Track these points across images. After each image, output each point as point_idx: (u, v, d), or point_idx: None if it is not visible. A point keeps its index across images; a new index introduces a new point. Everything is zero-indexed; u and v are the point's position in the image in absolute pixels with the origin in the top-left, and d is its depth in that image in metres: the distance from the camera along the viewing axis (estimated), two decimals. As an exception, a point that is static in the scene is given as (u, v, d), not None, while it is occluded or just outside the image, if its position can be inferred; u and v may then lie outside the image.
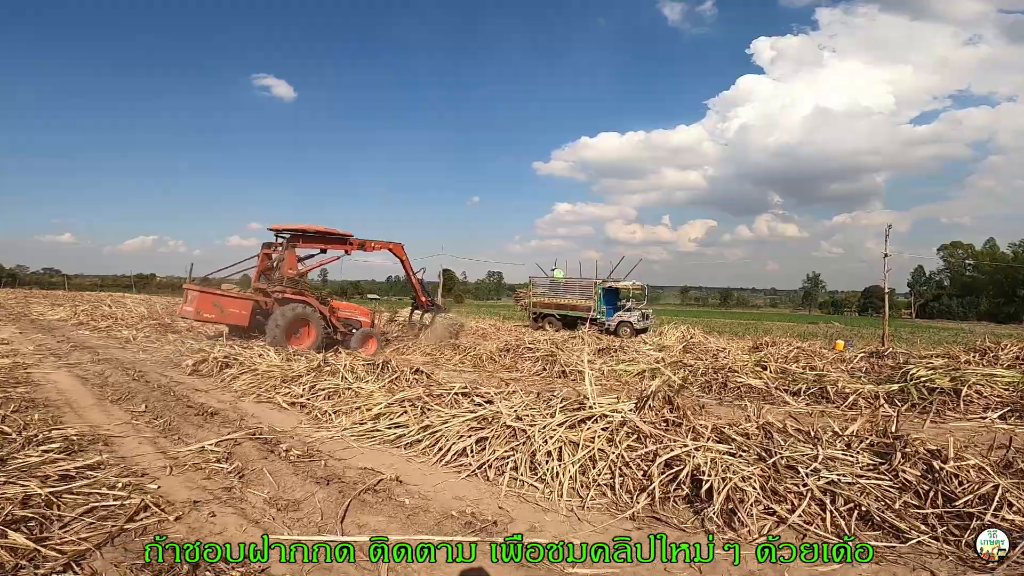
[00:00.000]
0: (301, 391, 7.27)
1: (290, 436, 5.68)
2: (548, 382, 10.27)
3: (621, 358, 12.44)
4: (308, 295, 11.97)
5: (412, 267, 14.07)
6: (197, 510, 3.78)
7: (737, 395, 9.24)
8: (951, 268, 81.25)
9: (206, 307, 10.80)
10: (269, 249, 12.18)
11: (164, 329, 14.77)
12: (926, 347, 18.54)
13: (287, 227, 11.98)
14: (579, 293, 21.50)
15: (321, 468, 4.74)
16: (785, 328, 33.90)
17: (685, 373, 10.23)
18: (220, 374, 8.74)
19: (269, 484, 4.35)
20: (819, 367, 10.94)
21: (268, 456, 4.98)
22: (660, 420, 5.20)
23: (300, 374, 7.78)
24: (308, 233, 12.11)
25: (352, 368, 7.75)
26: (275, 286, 11.61)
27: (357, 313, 13.37)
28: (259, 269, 12.09)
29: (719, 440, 4.80)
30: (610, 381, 10.36)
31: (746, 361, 10.76)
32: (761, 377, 9.68)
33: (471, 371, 11.24)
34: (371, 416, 6.09)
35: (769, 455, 4.46)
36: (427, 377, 7.68)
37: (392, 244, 13.53)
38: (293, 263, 11.78)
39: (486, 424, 5.34)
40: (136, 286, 68.65)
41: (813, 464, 4.34)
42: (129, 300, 26.03)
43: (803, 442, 4.80)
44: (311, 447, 5.34)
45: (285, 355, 9.32)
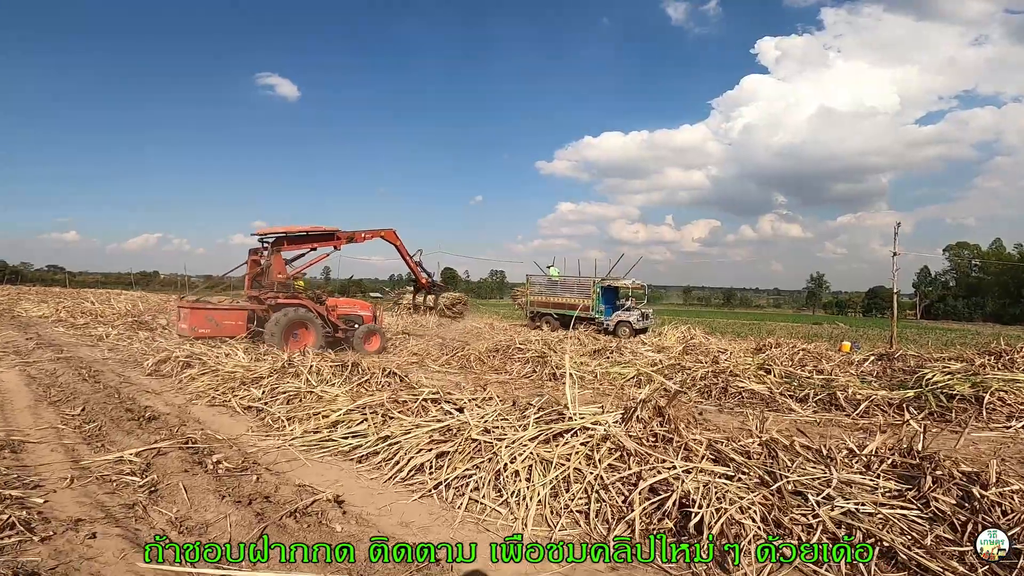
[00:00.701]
0: (260, 394, 6.63)
1: (230, 445, 5.05)
2: (537, 385, 9.62)
3: (617, 360, 11.77)
4: (302, 297, 11.67)
5: (407, 251, 13.86)
6: (75, 531, 3.17)
7: (739, 401, 8.57)
8: (957, 269, 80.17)
9: (200, 323, 10.54)
10: (256, 255, 11.89)
11: (140, 327, 14.18)
12: (937, 349, 17.87)
13: (270, 231, 11.77)
14: (577, 292, 20.79)
15: (250, 484, 4.10)
16: (789, 329, 33.12)
17: (683, 377, 9.56)
18: (180, 374, 8.12)
19: (181, 502, 3.73)
20: (826, 371, 10.25)
21: (193, 469, 4.35)
22: (648, 435, 4.53)
23: (262, 376, 7.14)
24: (293, 235, 11.85)
25: (318, 370, 7.11)
26: (267, 292, 11.37)
27: (357, 308, 12.97)
28: (249, 276, 11.81)
29: (715, 460, 4.13)
30: (603, 385, 9.70)
31: (748, 364, 10.08)
32: (764, 382, 9.00)
33: (457, 372, 10.60)
34: (327, 424, 5.45)
35: (773, 479, 3.80)
36: (400, 380, 7.04)
37: (383, 231, 13.17)
38: (281, 267, 11.55)
39: (450, 436, 4.69)
40: (139, 283, 68.54)
41: (826, 490, 3.67)
42: (114, 297, 25.45)
43: (813, 462, 4.13)
44: (250, 458, 4.71)
45: (254, 355, 8.69)
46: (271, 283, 11.44)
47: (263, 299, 11.34)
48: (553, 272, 22.72)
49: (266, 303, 11.27)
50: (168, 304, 29.26)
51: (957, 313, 72.49)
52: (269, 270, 11.48)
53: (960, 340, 27.34)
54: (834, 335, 28.66)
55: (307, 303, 11.55)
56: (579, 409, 4.89)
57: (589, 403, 8.14)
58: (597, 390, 9.32)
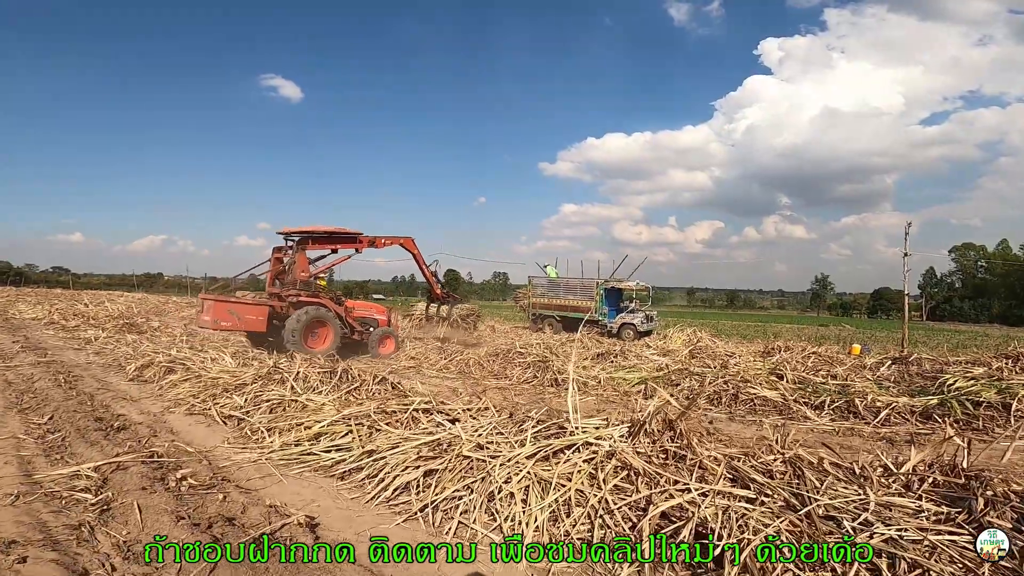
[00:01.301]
0: (242, 402, 6.22)
1: (201, 459, 4.63)
2: (538, 392, 9.19)
3: (621, 364, 11.34)
4: (323, 297, 11.68)
5: (424, 260, 13.69)
6: (5, 554, 2.76)
7: (750, 409, 8.13)
8: (963, 270, 79.49)
9: (223, 316, 10.51)
10: (280, 253, 11.93)
11: (131, 329, 13.80)
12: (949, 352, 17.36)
13: (296, 230, 11.76)
14: (580, 294, 20.35)
15: (215, 504, 3.69)
16: (795, 331, 32.66)
17: (691, 383, 9.12)
18: (162, 380, 7.72)
19: (134, 524, 3.33)
20: (840, 375, 9.80)
21: (153, 485, 3.93)
22: (658, 451, 4.10)
23: (246, 382, 6.73)
24: (317, 234, 11.87)
25: (305, 376, 6.70)
26: (289, 290, 11.37)
27: (373, 312, 13.06)
28: (272, 273, 11.85)
29: (733, 480, 3.70)
30: (607, 392, 9.27)
31: (759, 369, 9.64)
32: (777, 388, 8.56)
33: (456, 378, 10.18)
34: (309, 435, 5.03)
35: (801, 502, 3.37)
36: (392, 387, 6.62)
37: (402, 239, 13.13)
38: (305, 266, 11.57)
39: (440, 452, 4.26)
40: (143, 285, 68.79)
41: (862, 514, 3.24)
42: (110, 299, 25.13)
43: (845, 482, 3.68)
44: (220, 474, 4.30)
45: (242, 359, 8.30)
46: (294, 281, 11.44)
47: (284, 296, 11.31)
48: (551, 272, 22.29)
49: (287, 300, 11.23)
50: (166, 306, 29.04)
51: (963, 315, 71.71)
52: (293, 268, 11.47)
53: (971, 343, 26.82)
54: (841, 337, 28.25)
55: (327, 303, 11.55)
56: (582, 422, 4.46)
57: (593, 413, 7.72)
58: (601, 397, 8.89)
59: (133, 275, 73.80)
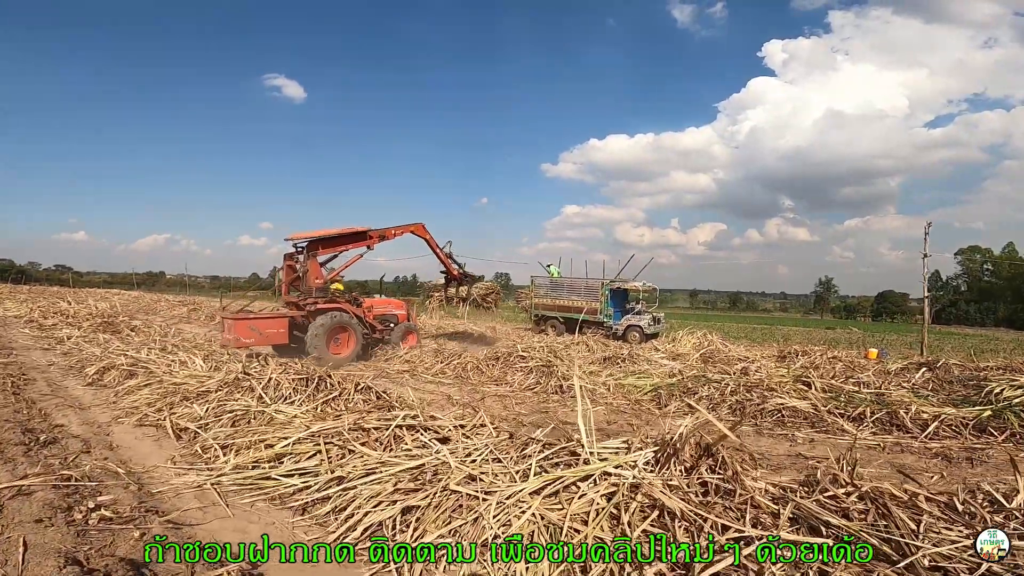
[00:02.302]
0: (202, 412, 5.40)
1: (132, 483, 3.82)
2: (542, 400, 8.37)
3: (630, 369, 10.52)
4: (340, 301, 11.48)
5: (437, 243, 13.40)
6: None
7: (778, 421, 7.30)
8: (968, 273, 78.68)
9: (244, 333, 10.43)
10: (291, 260, 11.69)
11: (106, 328, 12.98)
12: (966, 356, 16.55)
13: (303, 236, 11.53)
14: (584, 294, 19.50)
15: (127, 544, 2.91)
16: (803, 334, 31.83)
17: (709, 391, 8.29)
18: (122, 384, 6.91)
19: (12, 566, 2.58)
20: (871, 383, 8.97)
21: (55, 517, 3.13)
22: (696, 484, 3.28)
23: (210, 390, 5.91)
24: (326, 238, 11.58)
25: (277, 383, 5.87)
26: (306, 298, 11.21)
27: (391, 307, 12.95)
28: (286, 281, 11.67)
29: (796, 521, 2.87)
30: (617, 399, 8.45)
31: (783, 376, 8.80)
32: (807, 397, 7.72)
33: (452, 383, 9.36)
34: (270, 455, 4.21)
35: (898, 551, 2.54)
36: (376, 397, 5.79)
37: (413, 226, 12.82)
38: (317, 272, 11.36)
39: (424, 482, 3.44)
40: (144, 284, 68.58)
41: (983, 565, 2.43)
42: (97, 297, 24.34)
43: (947, 521, 2.86)
44: (150, 502, 3.49)
45: (214, 363, 7.48)
46: (309, 289, 11.21)
47: (302, 305, 11.14)
48: (553, 271, 21.46)
49: (305, 309, 11.04)
50: (159, 304, 28.26)
51: (969, 318, 70.74)
52: (306, 276, 11.27)
53: (986, 347, 25.99)
54: (852, 341, 27.44)
55: (345, 307, 11.38)
56: (598, 446, 3.63)
57: (602, 425, 6.88)
58: (611, 407, 8.06)
59: (133, 274, 73.32)
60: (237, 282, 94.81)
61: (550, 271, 21.57)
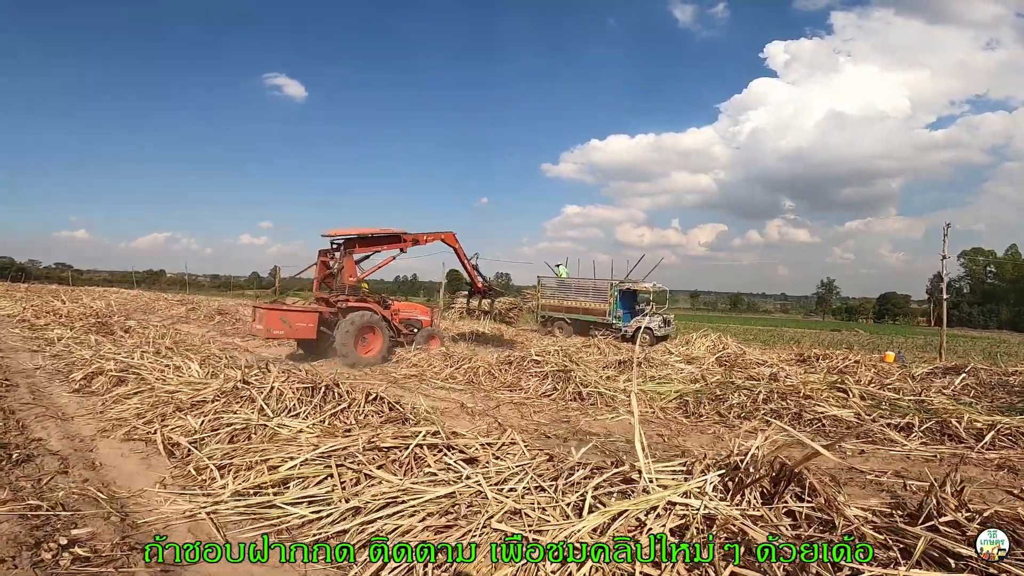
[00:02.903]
0: (197, 425, 4.88)
1: (114, 512, 3.28)
2: (560, 408, 7.86)
3: (649, 374, 9.99)
4: (370, 300, 11.51)
5: (466, 254, 13.35)
6: None
7: (818, 430, 6.80)
8: (971, 275, 78.42)
9: (275, 324, 10.46)
10: (325, 257, 11.69)
11: (99, 329, 12.42)
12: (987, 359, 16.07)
13: (340, 233, 11.58)
14: (593, 295, 18.99)
15: None
16: (810, 336, 31.35)
17: (740, 398, 7.78)
18: (110, 392, 6.38)
19: None
20: (909, 389, 8.49)
21: (18, 556, 2.64)
22: (780, 513, 2.77)
23: (207, 399, 5.38)
24: (364, 237, 11.67)
25: (280, 393, 5.33)
26: (337, 295, 11.20)
27: (417, 312, 13.01)
28: (318, 278, 11.69)
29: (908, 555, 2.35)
30: (641, 408, 7.92)
31: (816, 382, 8.28)
32: (848, 405, 7.22)
33: (463, 389, 8.83)
34: (275, 479, 3.68)
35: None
36: (389, 408, 5.26)
37: (443, 234, 12.76)
38: (352, 270, 11.40)
39: (457, 515, 2.92)
40: (144, 282, 68.42)
41: None
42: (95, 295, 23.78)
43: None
44: (136, 536, 2.96)
45: (211, 369, 6.95)
46: (342, 286, 11.21)
47: (332, 302, 11.14)
48: (561, 272, 20.98)
49: (336, 306, 11.03)
50: (157, 303, 27.68)
51: (972, 320, 70.36)
52: (340, 273, 11.26)
53: (997, 349, 25.55)
54: (861, 343, 27.01)
55: (374, 307, 11.38)
56: (654, 470, 3.12)
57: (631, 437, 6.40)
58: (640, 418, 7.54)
59: (133, 272, 72.89)
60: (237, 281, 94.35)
61: (558, 271, 21.09)
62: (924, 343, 27.43)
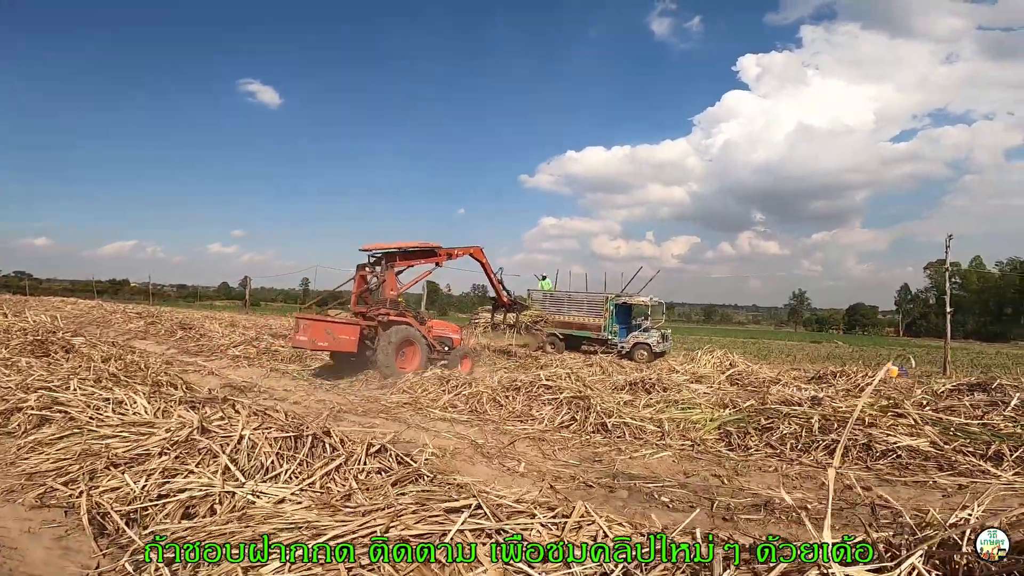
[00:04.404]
0: (138, 489, 3.58)
1: None
2: (584, 442, 6.74)
3: (668, 397, 8.96)
4: (409, 315, 11.55)
5: (492, 268, 13.46)
6: None
7: (893, 463, 5.84)
8: (937, 287, 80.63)
9: (320, 336, 10.40)
10: (364, 271, 11.61)
11: (36, 349, 10.78)
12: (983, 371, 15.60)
13: (380, 247, 11.60)
14: (587, 309, 17.99)
15: None
16: (795, 349, 31.09)
17: (790, 427, 6.78)
18: (32, 434, 4.99)
19: None
20: (967, 411, 7.64)
21: None
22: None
23: (151, 452, 4.07)
24: (404, 251, 11.64)
25: (252, 445, 4.06)
26: (378, 308, 11.15)
27: (448, 330, 12.77)
28: (356, 292, 11.65)
29: None
30: (675, 439, 6.86)
31: (867, 405, 7.34)
32: (922, 433, 6.28)
33: (467, 420, 7.62)
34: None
35: None
36: (398, 462, 4.03)
37: (472, 248, 12.87)
38: (394, 284, 11.39)
39: None
40: (109, 292, 65.21)
41: None
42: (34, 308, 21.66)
43: None
44: None
45: (163, 403, 5.61)
46: (383, 299, 11.19)
47: (372, 316, 11.09)
48: (546, 284, 19.97)
49: (376, 320, 10.98)
50: (113, 316, 25.51)
51: (939, 330, 71.87)
52: (382, 286, 11.25)
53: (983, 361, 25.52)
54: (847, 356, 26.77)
55: (412, 322, 11.38)
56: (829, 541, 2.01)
57: (681, 477, 5.31)
58: (674, 449, 6.46)
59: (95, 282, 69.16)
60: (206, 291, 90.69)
61: (542, 284, 20.05)
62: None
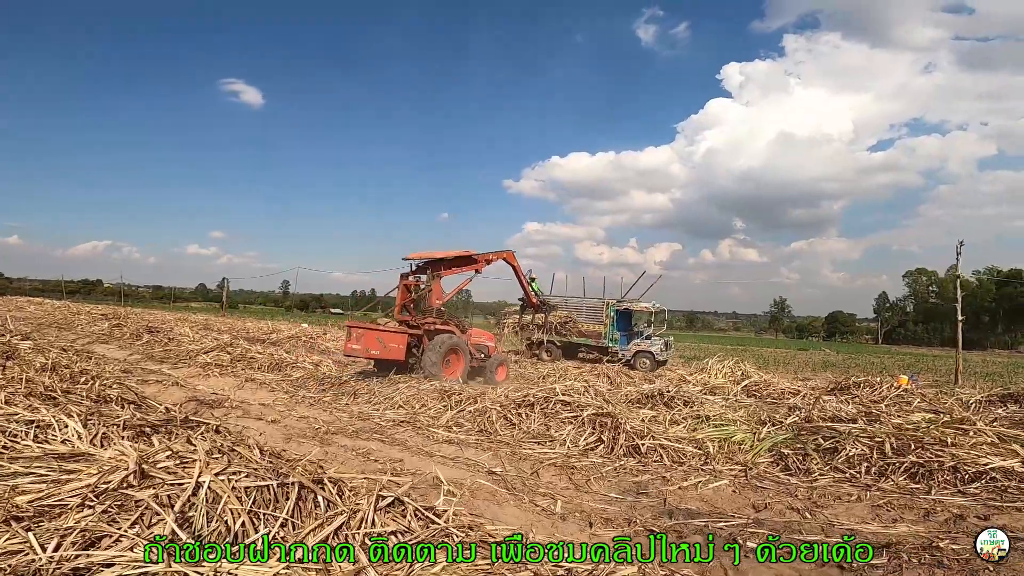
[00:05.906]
0: (43, 561, 2.44)
1: None
2: (616, 469, 5.71)
3: (692, 412, 7.98)
4: (452, 323, 11.67)
5: (523, 271, 13.68)
6: None
7: (988, 488, 4.94)
8: (915, 295, 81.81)
9: (372, 344, 10.66)
10: (408, 280, 11.72)
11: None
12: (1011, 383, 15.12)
13: (424, 255, 11.76)
14: (585, 315, 17.06)
15: None
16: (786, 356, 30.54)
17: (856, 448, 5.84)
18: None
19: None
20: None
21: None
22: None
23: (67, 504, 2.92)
24: (448, 260, 11.81)
25: (214, 499, 2.93)
26: (424, 317, 11.33)
27: (485, 338, 12.84)
28: (400, 301, 11.69)
29: None
30: (721, 463, 5.88)
31: (924, 421, 6.46)
32: (1005, 451, 5.40)
33: (475, 442, 6.53)
34: None
35: None
36: (416, 516, 2.96)
37: (505, 253, 13.07)
38: (440, 292, 11.55)
39: None
40: (80, 292, 62.99)
41: None
42: None
43: None
44: None
45: (101, 429, 4.45)
46: (428, 308, 11.37)
47: (417, 324, 11.20)
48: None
49: (422, 328, 11.11)
50: (77, 318, 23.72)
51: (917, 338, 72.93)
52: (428, 295, 11.40)
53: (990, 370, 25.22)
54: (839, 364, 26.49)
55: (454, 330, 11.48)
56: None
57: (752, 513, 4.34)
58: (731, 478, 5.47)
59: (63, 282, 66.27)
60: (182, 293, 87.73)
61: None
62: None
